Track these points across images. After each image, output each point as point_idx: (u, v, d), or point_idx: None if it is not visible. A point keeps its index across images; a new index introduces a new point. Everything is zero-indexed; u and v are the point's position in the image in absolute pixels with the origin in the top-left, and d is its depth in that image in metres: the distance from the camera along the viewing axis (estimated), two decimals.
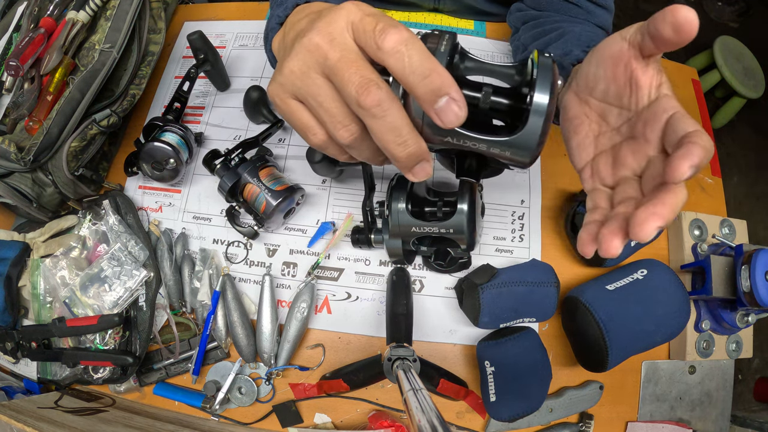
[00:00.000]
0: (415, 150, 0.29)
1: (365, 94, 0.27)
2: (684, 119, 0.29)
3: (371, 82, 0.27)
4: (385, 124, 0.28)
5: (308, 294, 0.58)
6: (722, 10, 2.21)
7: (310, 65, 0.30)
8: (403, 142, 0.29)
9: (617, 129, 0.35)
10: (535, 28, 0.62)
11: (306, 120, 0.32)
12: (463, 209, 0.48)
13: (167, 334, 0.59)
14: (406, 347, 0.48)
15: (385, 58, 0.28)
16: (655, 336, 0.53)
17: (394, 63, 0.27)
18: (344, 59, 0.28)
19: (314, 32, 0.29)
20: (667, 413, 0.60)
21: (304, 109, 0.32)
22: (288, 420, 0.56)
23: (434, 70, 0.27)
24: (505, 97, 0.33)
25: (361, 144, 0.32)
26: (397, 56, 0.27)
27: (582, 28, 0.56)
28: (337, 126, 0.30)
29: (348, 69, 0.28)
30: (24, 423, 0.46)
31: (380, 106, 0.27)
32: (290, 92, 0.32)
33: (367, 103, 0.27)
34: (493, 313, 0.54)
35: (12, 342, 0.58)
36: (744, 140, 1.98)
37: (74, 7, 0.61)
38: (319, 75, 0.30)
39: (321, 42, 0.29)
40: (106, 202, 0.61)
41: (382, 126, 0.28)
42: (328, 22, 0.29)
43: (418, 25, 0.77)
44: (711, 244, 0.63)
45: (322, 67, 0.29)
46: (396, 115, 0.28)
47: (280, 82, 0.32)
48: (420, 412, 0.33)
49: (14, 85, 0.61)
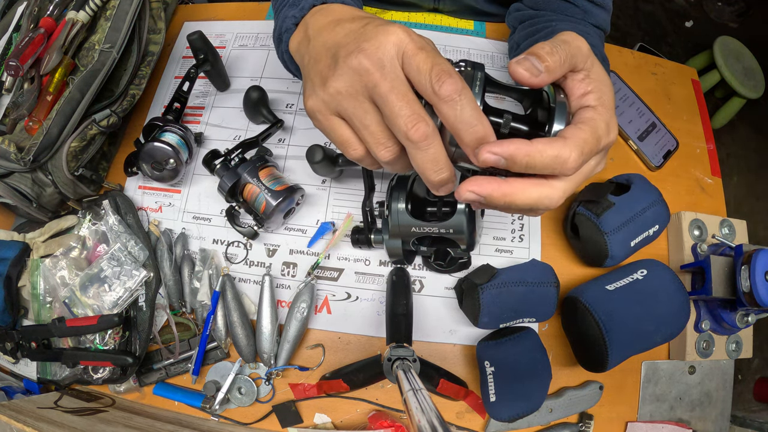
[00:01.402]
0: (448, 176, 0.32)
1: (414, 129, 0.30)
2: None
3: (420, 118, 0.30)
4: (427, 155, 0.31)
5: (308, 294, 0.58)
6: (722, 10, 2.21)
7: (358, 89, 0.31)
8: (439, 170, 0.31)
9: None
10: (529, 27, 0.62)
11: (348, 136, 0.34)
12: (463, 209, 0.48)
13: (167, 334, 0.59)
14: (406, 347, 0.48)
15: (437, 103, 0.30)
16: (655, 336, 0.53)
17: (447, 110, 0.29)
18: (395, 91, 0.30)
19: (363, 55, 0.31)
20: (666, 413, 0.60)
21: (345, 126, 0.34)
22: (288, 420, 0.56)
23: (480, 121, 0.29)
24: (523, 124, 0.35)
25: (396, 162, 0.34)
26: (451, 104, 0.29)
27: (573, 27, 0.57)
28: (379, 147, 0.33)
29: (399, 102, 0.30)
30: (24, 423, 0.46)
31: (426, 140, 0.30)
32: (334, 110, 0.33)
33: (414, 138, 0.30)
34: (492, 313, 0.54)
35: (12, 342, 0.58)
36: (744, 140, 1.98)
37: (74, 7, 0.61)
38: (366, 99, 0.32)
39: (371, 68, 0.31)
40: (105, 202, 0.61)
41: (424, 156, 0.31)
42: (377, 46, 0.31)
43: (418, 25, 0.77)
44: (711, 244, 0.63)
45: (370, 92, 0.31)
46: (437, 149, 0.31)
47: (323, 99, 0.33)
48: (420, 413, 0.33)
49: (14, 85, 0.61)
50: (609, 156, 0.69)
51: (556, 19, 0.60)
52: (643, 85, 0.75)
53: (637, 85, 0.74)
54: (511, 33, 0.69)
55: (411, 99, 0.30)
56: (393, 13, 0.78)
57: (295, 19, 0.44)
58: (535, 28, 0.60)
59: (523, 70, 0.30)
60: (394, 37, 0.31)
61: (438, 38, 0.76)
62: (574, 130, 0.30)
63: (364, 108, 0.32)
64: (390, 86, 0.30)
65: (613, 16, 0.63)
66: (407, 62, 0.31)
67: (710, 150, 0.73)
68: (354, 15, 0.37)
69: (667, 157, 0.70)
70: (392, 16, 0.78)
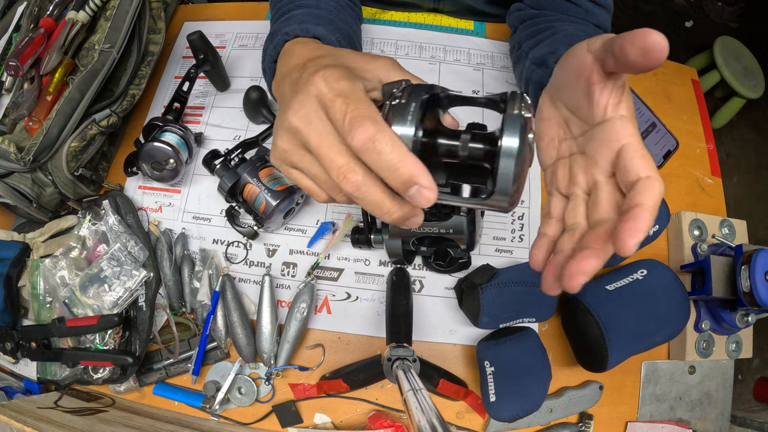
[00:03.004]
0: (399, 216, 0.31)
1: (345, 181, 0.30)
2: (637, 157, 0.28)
3: (350, 168, 0.29)
4: (367, 203, 0.30)
5: (308, 294, 0.58)
6: (722, 10, 2.21)
7: (295, 144, 0.33)
8: (386, 213, 0.31)
9: (575, 139, 0.35)
10: (531, 27, 0.62)
11: (308, 185, 0.35)
12: (463, 209, 0.48)
13: (167, 334, 0.59)
14: (406, 347, 0.48)
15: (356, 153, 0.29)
16: (655, 336, 0.53)
17: (366, 159, 0.29)
18: (323, 145, 0.30)
19: (291, 113, 0.32)
20: (666, 413, 0.60)
21: (304, 176, 0.35)
22: (288, 420, 0.56)
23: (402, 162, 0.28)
24: (483, 142, 0.33)
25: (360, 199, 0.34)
26: (367, 153, 0.29)
27: (576, 28, 0.56)
28: (334, 191, 0.33)
29: (328, 155, 0.30)
30: (24, 423, 0.46)
31: (360, 189, 0.30)
32: (288, 164, 0.35)
33: (348, 189, 0.30)
34: (492, 313, 0.54)
35: (12, 342, 0.58)
36: (744, 140, 1.98)
37: (74, 7, 0.61)
38: (306, 153, 0.32)
39: (299, 125, 0.31)
40: (105, 202, 0.61)
41: (365, 203, 0.30)
42: (301, 102, 0.32)
43: (418, 25, 0.77)
44: (711, 244, 0.63)
45: (306, 146, 0.32)
46: (375, 194, 0.30)
47: (276, 156, 0.35)
48: (420, 412, 0.33)
49: (14, 85, 0.61)
50: None
51: (558, 19, 0.60)
52: (643, 85, 0.75)
53: (637, 85, 0.74)
54: (512, 33, 0.69)
55: (339, 150, 0.30)
56: (393, 13, 0.78)
57: (272, 57, 0.47)
58: (537, 28, 0.60)
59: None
60: (314, 88, 0.31)
61: (438, 38, 0.76)
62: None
63: (306, 160, 0.33)
64: (318, 140, 0.31)
65: (613, 16, 0.63)
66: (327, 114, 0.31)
67: (710, 150, 0.73)
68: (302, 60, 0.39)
69: (667, 157, 0.70)
70: (392, 17, 0.78)
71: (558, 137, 0.36)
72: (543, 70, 0.48)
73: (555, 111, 0.37)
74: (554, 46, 0.50)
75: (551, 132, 0.36)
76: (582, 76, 0.31)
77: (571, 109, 0.35)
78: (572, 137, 0.35)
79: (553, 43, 0.51)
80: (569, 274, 0.26)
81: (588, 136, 0.33)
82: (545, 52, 0.50)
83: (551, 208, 0.34)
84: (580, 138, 0.34)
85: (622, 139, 0.30)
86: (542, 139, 0.37)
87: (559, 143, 0.36)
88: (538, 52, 0.52)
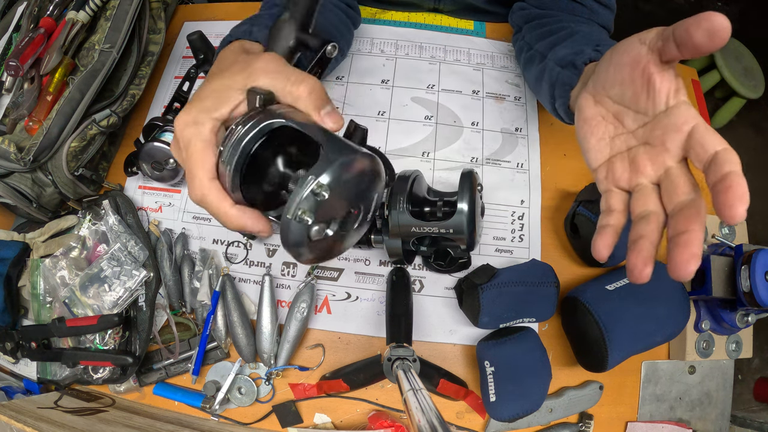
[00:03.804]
0: (234, 227, 0.37)
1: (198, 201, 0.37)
2: (708, 133, 0.30)
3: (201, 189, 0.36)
4: (210, 211, 0.37)
5: (308, 294, 0.58)
6: (722, 11, 2.21)
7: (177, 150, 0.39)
8: (224, 222, 0.37)
9: (633, 132, 0.35)
10: (540, 27, 0.61)
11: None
12: (463, 209, 0.48)
13: (167, 334, 0.59)
14: (406, 347, 0.48)
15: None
16: (655, 336, 0.53)
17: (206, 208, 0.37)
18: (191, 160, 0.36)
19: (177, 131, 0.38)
20: (666, 413, 0.60)
21: None
22: (288, 420, 0.56)
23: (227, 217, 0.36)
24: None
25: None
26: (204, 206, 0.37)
27: (591, 29, 0.56)
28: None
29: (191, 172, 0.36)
30: (24, 423, 0.46)
31: (203, 201, 0.37)
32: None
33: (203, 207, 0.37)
34: (492, 313, 0.54)
35: (12, 342, 0.58)
36: (744, 140, 1.98)
37: (74, 7, 0.61)
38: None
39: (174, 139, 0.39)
40: (105, 202, 0.61)
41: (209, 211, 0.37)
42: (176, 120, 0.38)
43: (418, 25, 0.77)
44: (711, 244, 0.63)
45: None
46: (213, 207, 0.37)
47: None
48: (420, 412, 0.33)
49: (14, 85, 0.61)
50: None
51: (566, 19, 0.60)
52: None
53: None
54: (515, 32, 0.69)
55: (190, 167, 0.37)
56: (393, 13, 0.79)
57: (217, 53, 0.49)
58: (548, 28, 0.59)
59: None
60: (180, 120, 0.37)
61: (438, 38, 0.76)
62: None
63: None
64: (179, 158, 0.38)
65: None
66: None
67: None
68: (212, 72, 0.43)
69: None
70: (392, 17, 0.78)
71: (609, 135, 0.37)
72: (570, 70, 0.48)
73: (601, 109, 0.37)
74: (577, 46, 0.50)
75: (599, 131, 0.37)
76: (638, 68, 0.33)
77: (625, 103, 0.35)
78: (628, 131, 0.35)
79: (574, 44, 0.51)
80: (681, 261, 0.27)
81: (651, 126, 0.33)
82: (568, 53, 0.50)
83: (611, 203, 0.35)
84: (639, 130, 0.35)
85: (690, 121, 0.31)
86: (588, 140, 0.38)
87: (611, 140, 0.36)
88: (560, 53, 0.52)
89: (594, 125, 0.37)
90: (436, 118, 0.70)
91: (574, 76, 0.47)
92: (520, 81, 0.73)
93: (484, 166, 0.67)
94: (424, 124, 0.69)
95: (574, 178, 0.67)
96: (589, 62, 0.47)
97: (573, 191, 0.66)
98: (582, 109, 0.38)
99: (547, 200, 0.66)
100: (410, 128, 0.69)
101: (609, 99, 0.36)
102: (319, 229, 0.34)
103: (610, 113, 0.37)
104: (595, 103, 0.38)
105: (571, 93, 0.48)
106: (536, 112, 0.71)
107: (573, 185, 0.66)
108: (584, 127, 0.38)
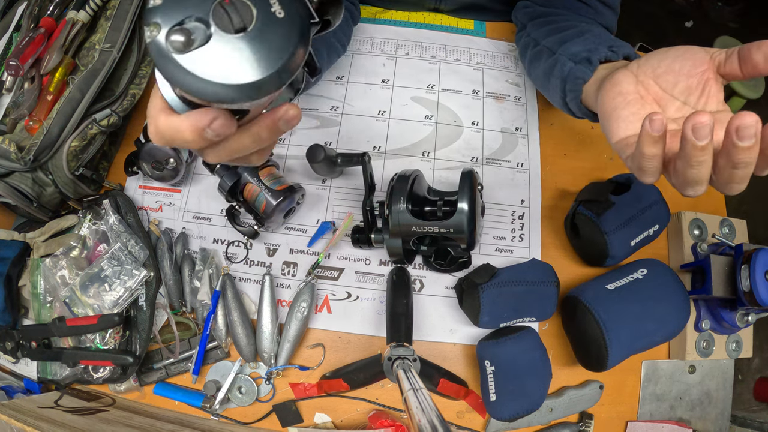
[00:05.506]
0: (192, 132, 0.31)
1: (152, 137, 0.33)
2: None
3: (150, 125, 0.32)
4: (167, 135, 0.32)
5: (308, 293, 0.58)
6: (722, 11, 2.21)
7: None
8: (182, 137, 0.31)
9: (675, 120, 0.38)
10: (547, 24, 0.61)
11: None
12: (464, 209, 0.48)
13: (167, 334, 0.59)
14: (406, 347, 0.48)
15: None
16: (655, 335, 0.53)
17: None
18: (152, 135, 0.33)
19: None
20: (666, 413, 0.60)
21: None
22: (288, 420, 0.56)
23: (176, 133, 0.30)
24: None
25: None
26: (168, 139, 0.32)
27: (600, 30, 0.57)
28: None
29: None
30: (24, 423, 0.46)
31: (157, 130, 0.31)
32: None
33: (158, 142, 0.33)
34: (493, 312, 0.54)
35: (12, 342, 0.58)
36: None
37: (74, 7, 0.61)
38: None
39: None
40: (106, 202, 0.61)
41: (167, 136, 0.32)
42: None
43: (419, 24, 0.77)
44: (711, 244, 0.63)
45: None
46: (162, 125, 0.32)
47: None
48: (420, 412, 0.33)
49: (14, 85, 0.61)
50: (609, 156, 0.69)
51: (572, 18, 0.60)
52: None
53: None
54: (519, 29, 0.69)
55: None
56: (393, 13, 0.78)
57: None
58: (556, 26, 0.60)
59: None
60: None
61: (438, 38, 0.76)
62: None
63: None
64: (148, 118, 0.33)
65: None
66: None
67: None
68: None
69: None
70: (392, 16, 0.78)
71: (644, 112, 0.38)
72: (585, 65, 0.49)
73: (641, 89, 0.40)
74: (590, 44, 0.51)
75: (633, 107, 0.39)
76: (699, 68, 0.37)
77: (674, 93, 0.39)
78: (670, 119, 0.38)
79: (587, 42, 0.52)
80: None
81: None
82: (582, 49, 0.51)
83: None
84: (681, 119, 0.37)
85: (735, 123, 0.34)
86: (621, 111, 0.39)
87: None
88: (572, 48, 0.53)
89: (630, 100, 0.39)
90: (436, 117, 0.70)
91: (588, 71, 0.48)
92: (520, 81, 0.73)
93: (484, 166, 0.67)
94: (424, 123, 0.69)
95: (574, 178, 0.67)
96: (605, 61, 0.48)
97: (573, 191, 0.66)
98: (619, 82, 0.41)
99: (547, 200, 0.66)
100: (410, 128, 0.69)
101: (655, 84, 0.39)
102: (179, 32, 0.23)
103: (650, 95, 0.39)
104: (636, 82, 0.40)
105: (584, 87, 0.49)
106: (536, 111, 0.71)
107: (573, 185, 0.66)
108: (617, 98, 0.40)
